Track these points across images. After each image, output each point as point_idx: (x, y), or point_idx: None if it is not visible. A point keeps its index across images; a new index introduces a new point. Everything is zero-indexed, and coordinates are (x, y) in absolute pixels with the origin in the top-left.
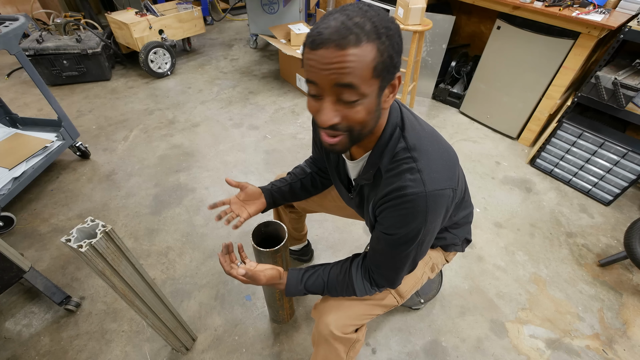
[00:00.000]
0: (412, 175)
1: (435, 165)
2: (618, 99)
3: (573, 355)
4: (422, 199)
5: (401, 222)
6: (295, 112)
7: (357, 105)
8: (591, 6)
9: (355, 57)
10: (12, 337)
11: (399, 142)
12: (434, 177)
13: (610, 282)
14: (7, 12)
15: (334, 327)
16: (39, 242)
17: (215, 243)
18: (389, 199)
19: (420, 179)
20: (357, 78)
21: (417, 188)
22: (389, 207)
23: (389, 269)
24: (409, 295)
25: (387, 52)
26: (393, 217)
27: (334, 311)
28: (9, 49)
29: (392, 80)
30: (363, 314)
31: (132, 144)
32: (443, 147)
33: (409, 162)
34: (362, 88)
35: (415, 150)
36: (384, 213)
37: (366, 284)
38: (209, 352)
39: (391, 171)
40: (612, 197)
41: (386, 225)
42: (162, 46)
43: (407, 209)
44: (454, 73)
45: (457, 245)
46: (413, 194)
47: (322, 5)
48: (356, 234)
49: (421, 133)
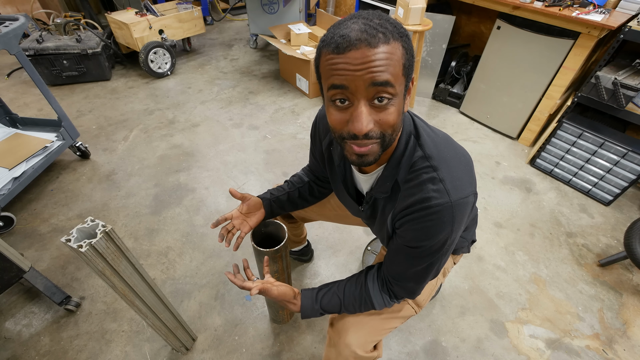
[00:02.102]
0: (434, 186)
1: (456, 173)
2: (618, 99)
3: (573, 355)
4: (448, 209)
5: (426, 235)
6: (295, 112)
7: (390, 106)
8: (591, 6)
9: (388, 54)
10: (12, 337)
11: (416, 151)
12: (457, 185)
13: (610, 282)
14: (7, 12)
15: (356, 347)
16: (39, 242)
17: (215, 243)
18: (412, 211)
19: (444, 189)
20: (392, 75)
21: (442, 199)
22: (413, 219)
23: (411, 280)
24: (425, 304)
25: (409, 52)
26: (417, 230)
27: (353, 329)
28: (9, 49)
29: (410, 81)
30: (382, 328)
31: (132, 144)
32: (459, 151)
33: (429, 172)
34: (396, 85)
35: (434, 159)
36: (407, 225)
37: (385, 297)
38: (209, 352)
39: (410, 182)
40: (612, 197)
41: (409, 237)
42: (162, 46)
43: (433, 220)
44: (454, 73)
45: (464, 247)
46: (438, 205)
47: (322, 5)
48: (356, 234)
49: (436, 139)
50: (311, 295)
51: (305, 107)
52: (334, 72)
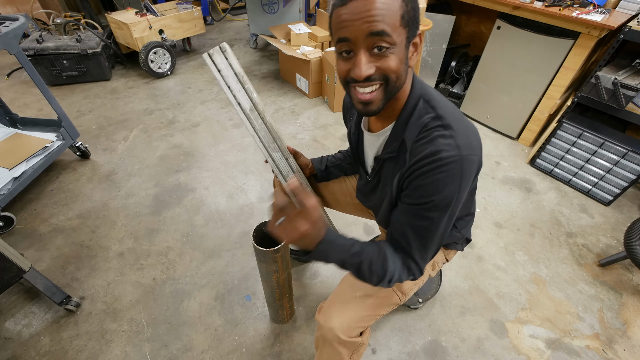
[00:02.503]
0: (445, 140)
1: (467, 131)
2: (618, 99)
3: (573, 355)
4: (458, 162)
5: (435, 188)
6: (295, 112)
7: (390, 53)
8: (591, 6)
9: (385, 5)
10: (12, 337)
11: (427, 113)
12: (466, 142)
13: (610, 282)
14: (7, 12)
15: (339, 331)
16: (39, 242)
17: (215, 243)
18: (422, 165)
19: (455, 144)
20: (388, 25)
21: (453, 151)
22: (422, 173)
23: (420, 245)
24: (411, 293)
25: (411, 3)
26: (426, 184)
27: (338, 314)
28: (9, 49)
29: (415, 38)
30: (368, 315)
31: (132, 144)
32: (467, 121)
33: (440, 130)
34: (393, 35)
35: (446, 119)
36: (416, 181)
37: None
38: (209, 352)
39: (422, 139)
40: (612, 197)
41: (418, 194)
42: (162, 46)
43: (443, 172)
44: (454, 73)
45: (457, 243)
46: (449, 157)
47: (322, 5)
48: (356, 234)
49: (448, 104)
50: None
51: (305, 107)
52: (340, 26)
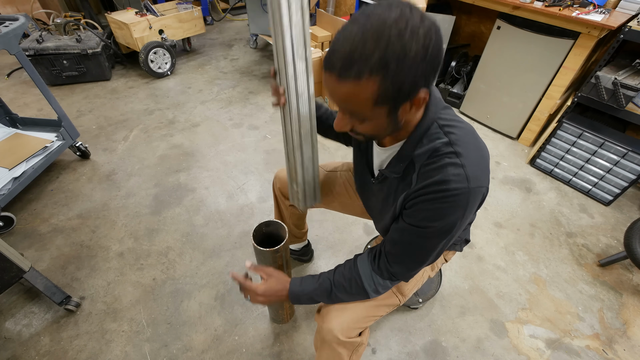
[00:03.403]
0: (455, 170)
1: (476, 163)
2: (618, 99)
3: (573, 355)
4: (465, 194)
5: (438, 215)
6: None
7: (364, 122)
8: (591, 6)
9: (352, 92)
10: (12, 337)
11: (440, 138)
12: (476, 175)
13: (610, 282)
14: (7, 12)
15: (338, 332)
16: (39, 242)
17: (215, 243)
18: (429, 192)
19: (465, 175)
20: (355, 108)
21: (461, 184)
22: (428, 199)
23: (413, 261)
24: (410, 294)
25: (395, 83)
26: (430, 210)
27: (337, 315)
28: (9, 49)
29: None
30: (367, 315)
31: (132, 144)
32: (481, 145)
33: (452, 157)
34: (363, 114)
35: (459, 146)
36: (420, 205)
37: (375, 277)
38: (209, 352)
39: (432, 164)
40: (612, 197)
41: (420, 217)
42: (162, 46)
43: (448, 202)
44: (454, 73)
45: (457, 244)
46: (457, 189)
47: (322, 5)
48: (356, 234)
49: (463, 129)
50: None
51: None
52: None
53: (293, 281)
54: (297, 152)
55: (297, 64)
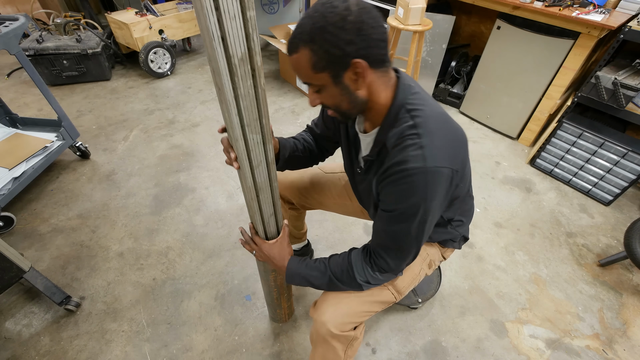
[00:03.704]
0: (414, 152)
1: (438, 142)
2: (618, 99)
3: (573, 355)
4: (422, 174)
5: (400, 197)
6: (295, 112)
7: (322, 92)
8: (591, 6)
9: (296, 61)
10: (12, 337)
11: (406, 121)
12: (435, 154)
13: (610, 282)
14: (7, 12)
15: (331, 326)
16: (39, 242)
17: (215, 243)
18: (390, 174)
19: (422, 155)
20: (304, 76)
21: (417, 163)
22: (390, 182)
23: (392, 250)
24: (406, 292)
25: (323, 49)
26: (393, 193)
27: (331, 309)
28: (9, 49)
29: (348, 68)
30: (361, 311)
31: (132, 144)
32: (451, 127)
33: (413, 138)
34: (313, 82)
35: (421, 127)
36: (385, 189)
37: (366, 269)
38: (209, 352)
39: (396, 147)
40: (612, 197)
41: (387, 201)
42: (162, 46)
43: (407, 183)
44: (454, 73)
45: (454, 241)
46: (413, 168)
47: None
48: (356, 234)
49: (429, 112)
50: (298, 259)
51: (305, 107)
52: None
53: (292, 259)
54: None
55: (249, 138)
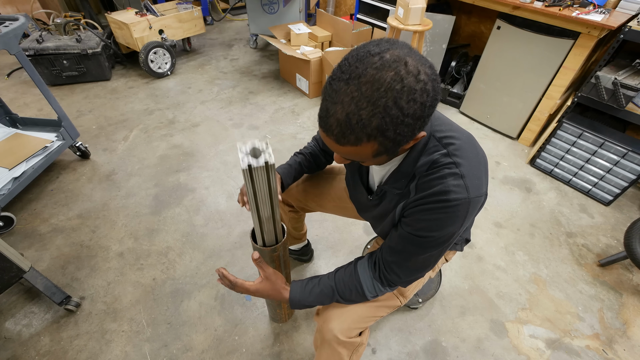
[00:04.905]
0: (455, 181)
1: (476, 171)
2: (618, 99)
3: (573, 355)
4: (465, 205)
5: (437, 225)
6: (295, 112)
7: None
8: (591, 6)
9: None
10: (12, 337)
11: (438, 150)
12: (475, 184)
13: (610, 282)
14: (7, 12)
15: (338, 332)
16: (39, 242)
17: (215, 243)
18: (429, 202)
19: (464, 185)
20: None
21: (461, 194)
22: (427, 209)
23: (409, 269)
24: (411, 295)
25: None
26: (429, 220)
27: (337, 315)
28: (9, 49)
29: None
30: (367, 316)
31: (132, 144)
32: (480, 152)
33: (451, 167)
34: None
35: (457, 156)
36: (419, 215)
37: (376, 284)
38: (209, 352)
39: (430, 175)
40: (612, 197)
41: (418, 227)
42: (162, 46)
43: (448, 213)
44: (454, 73)
45: (457, 244)
46: (456, 199)
47: (322, 5)
48: (356, 234)
49: (459, 137)
50: (301, 285)
51: (305, 107)
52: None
53: (293, 289)
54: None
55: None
